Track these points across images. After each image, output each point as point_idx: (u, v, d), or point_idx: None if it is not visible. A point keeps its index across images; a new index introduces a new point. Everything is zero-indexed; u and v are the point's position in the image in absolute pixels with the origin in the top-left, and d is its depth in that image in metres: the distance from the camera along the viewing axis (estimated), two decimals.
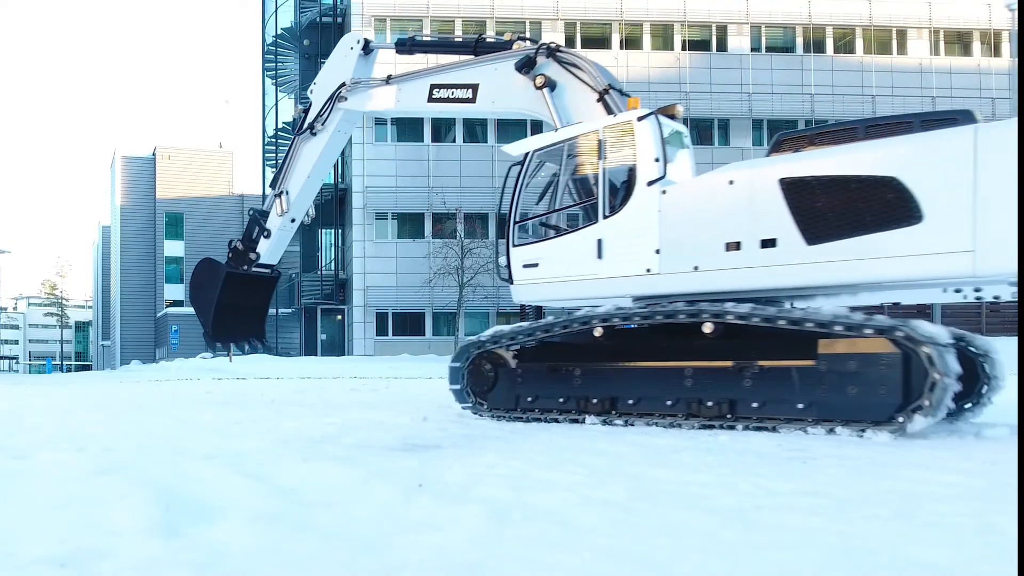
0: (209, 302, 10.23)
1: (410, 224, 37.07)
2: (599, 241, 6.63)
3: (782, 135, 6.39)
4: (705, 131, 38.66)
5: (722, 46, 39.08)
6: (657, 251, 6.33)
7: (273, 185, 10.10)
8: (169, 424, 7.14)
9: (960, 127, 5.35)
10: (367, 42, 9.55)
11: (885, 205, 5.37)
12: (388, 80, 9.06)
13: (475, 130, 39.01)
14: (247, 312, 10.50)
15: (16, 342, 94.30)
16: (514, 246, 7.19)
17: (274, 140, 43.27)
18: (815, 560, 2.33)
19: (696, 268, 6.16)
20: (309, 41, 41.04)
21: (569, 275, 6.82)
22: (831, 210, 5.58)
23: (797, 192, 5.70)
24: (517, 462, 4.28)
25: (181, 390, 15.10)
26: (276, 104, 44.16)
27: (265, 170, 44.86)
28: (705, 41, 39.25)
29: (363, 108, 9.42)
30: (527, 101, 7.66)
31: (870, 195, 5.43)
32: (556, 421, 6.60)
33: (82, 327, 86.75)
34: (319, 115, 9.50)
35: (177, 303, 52.88)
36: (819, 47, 39.63)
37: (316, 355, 38.66)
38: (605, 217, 6.63)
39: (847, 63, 38.96)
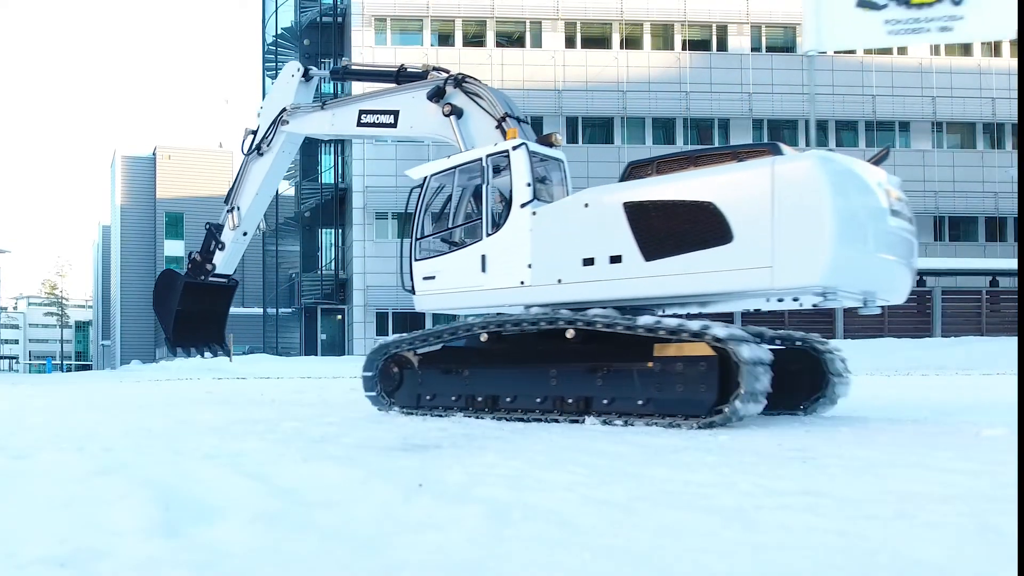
0: (169, 311, 10.91)
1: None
2: (483, 256, 7.41)
3: (632, 163, 6.97)
4: (705, 131, 38.66)
5: (722, 46, 39.07)
6: (529, 265, 7.08)
7: (226, 201, 10.80)
8: (169, 424, 7.15)
9: (760, 160, 6.00)
10: (307, 70, 10.36)
11: (704, 227, 6.06)
12: (323, 106, 9.86)
13: None
14: (207, 319, 11.15)
15: (16, 342, 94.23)
16: (416, 260, 7.96)
17: None
18: (815, 560, 2.33)
19: (560, 281, 6.90)
20: (309, 41, 41.02)
21: (460, 286, 7.62)
22: (663, 231, 6.32)
23: (637, 214, 6.42)
24: (517, 462, 4.28)
25: (181, 390, 15.11)
26: None
27: None
28: (705, 41, 39.24)
29: (302, 131, 10.17)
30: (438, 127, 8.38)
31: (693, 218, 6.13)
32: (451, 415, 7.34)
33: (82, 327, 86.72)
34: (264, 137, 10.28)
35: None
36: None
37: (316, 355, 38.66)
38: (488, 235, 7.39)
39: (847, 63, 38.92)
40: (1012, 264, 34.56)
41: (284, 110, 10.13)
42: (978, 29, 7.28)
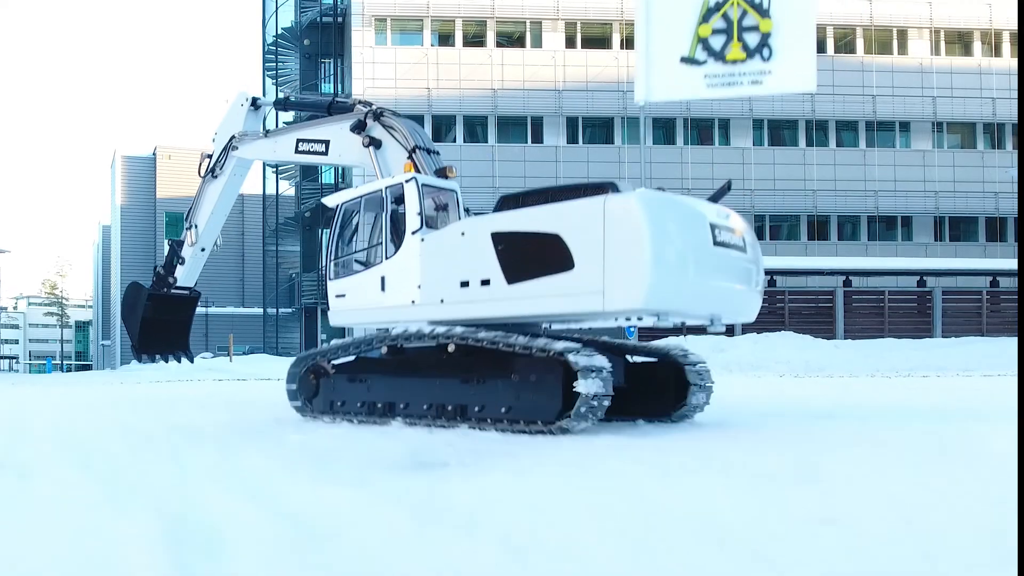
0: (135, 320, 11.69)
1: None
2: (383, 278, 8.16)
3: (503, 196, 7.72)
4: (706, 131, 38.62)
5: None
6: (419, 287, 7.83)
7: (186, 219, 11.65)
8: (173, 436, 7.15)
9: (596, 197, 6.67)
10: (255, 99, 11.22)
11: (552, 255, 6.76)
12: (267, 134, 10.86)
13: (475, 129, 38.99)
14: (172, 328, 11.96)
15: (16, 342, 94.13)
16: (330, 280, 8.82)
17: None
18: None
19: (442, 301, 7.64)
20: (309, 41, 40.96)
21: (365, 305, 8.39)
22: (520, 258, 7.02)
23: (501, 243, 7.16)
24: (527, 484, 4.25)
25: (183, 393, 15.06)
26: None
27: (265, 170, 44.83)
28: None
29: (250, 156, 11.04)
30: (361, 156, 9.24)
31: (543, 247, 6.85)
32: (363, 423, 8.04)
33: (82, 327, 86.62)
34: (217, 162, 11.13)
35: None
36: (820, 47, 39.47)
37: None
38: (387, 258, 8.14)
39: (847, 63, 38.89)
40: (1012, 264, 34.55)
41: (234, 137, 10.94)
42: (784, 82, 8.37)
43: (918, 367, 23.47)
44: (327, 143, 9.70)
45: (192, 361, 12.88)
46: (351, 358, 8.67)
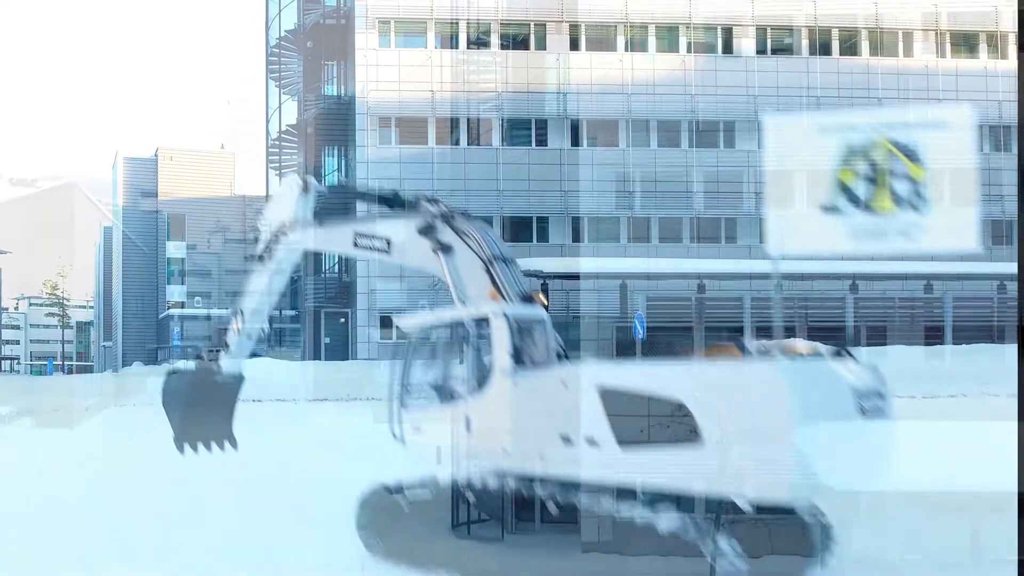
0: (177, 412, 11.37)
1: None
2: (467, 418, 7.33)
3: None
4: (709, 134, 38.43)
5: (728, 48, 38.85)
6: (510, 434, 7.02)
7: (233, 305, 11.44)
8: None
9: (726, 362, 6.19)
10: (306, 183, 10.73)
11: (674, 424, 6.05)
12: (321, 223, 10.33)
13: (479, 132, 38.89)
14: (214, 416, 11.57)
15: (17, 342, 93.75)
16: (404, 410, 7.90)
17: (277, 142, 43.11)
18: None
19: (541, 456, 6.82)
20: (312, 43, 40.87)
21: (446, 443, 7.51)
22: (636, 421, 6.27)
23: (612, 401, 6.40)
24: None
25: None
26: (280, 106, 44.04)
27: (268, 172, 44.74)
28: (711, 44, 39.01)
29: (300, 245, 10.63)
30: (427, 261, 8.48)
31: (663, 413, 6.12)
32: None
33: (83, 327, 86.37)
34: (267, 248, 10.72)
35: (178, 304, 52.87)
36: (825, 49, 39.36)
37: (320, 358, 38.51)
38: (472, 396, 7.37)
39: (852, 65, 38.73)
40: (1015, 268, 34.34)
41: (284, 223, 10.51)
42: (941, 239, 7.31)
43: (932, 378, 22.89)
44: (388, 241, 9.06)
45: (236, 448, 12.26)
46: (429, 496, 7.80)
